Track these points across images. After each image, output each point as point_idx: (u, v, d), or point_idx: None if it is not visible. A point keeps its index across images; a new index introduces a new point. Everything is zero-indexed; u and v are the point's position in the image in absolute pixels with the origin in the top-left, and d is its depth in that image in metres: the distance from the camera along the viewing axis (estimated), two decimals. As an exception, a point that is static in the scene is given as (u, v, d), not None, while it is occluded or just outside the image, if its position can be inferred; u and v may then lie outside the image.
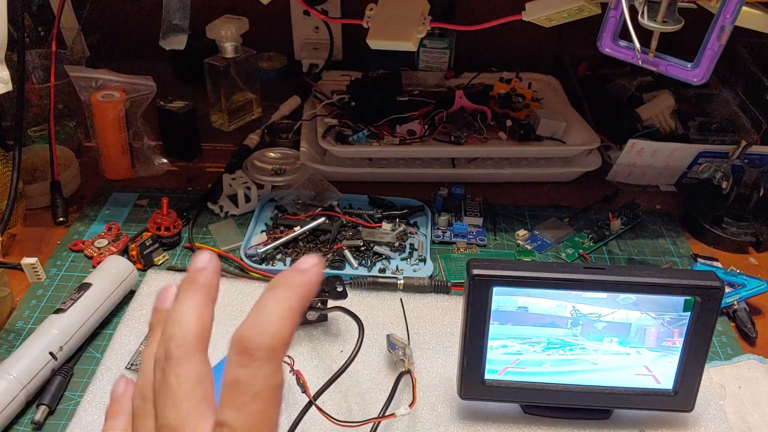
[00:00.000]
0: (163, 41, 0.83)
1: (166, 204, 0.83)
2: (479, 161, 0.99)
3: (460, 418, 0.64)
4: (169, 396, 0.31)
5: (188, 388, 0.31)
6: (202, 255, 0.35)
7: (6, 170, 0.83)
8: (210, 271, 0.35)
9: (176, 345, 0.32)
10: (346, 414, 0.63)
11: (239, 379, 0.30)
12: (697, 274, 0.59)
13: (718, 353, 0.73)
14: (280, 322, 0.31)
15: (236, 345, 0.31)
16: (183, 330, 0.32)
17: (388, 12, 0.84)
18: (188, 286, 0.34)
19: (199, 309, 0.33)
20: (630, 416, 0.64)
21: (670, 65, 0.69)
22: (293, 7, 1.19)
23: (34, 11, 1.04)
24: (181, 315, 0.33)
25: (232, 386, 0.30)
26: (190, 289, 0.34)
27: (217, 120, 1.09)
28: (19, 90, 0.81)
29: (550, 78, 1.14)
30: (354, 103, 1.01)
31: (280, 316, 0.31)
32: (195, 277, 0.34)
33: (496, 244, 0.87)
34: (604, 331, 0.60)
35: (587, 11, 0.75)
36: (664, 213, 0.94)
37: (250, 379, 0.30)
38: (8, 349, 0.69)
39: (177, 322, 0.33)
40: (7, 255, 0.82)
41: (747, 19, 0.70)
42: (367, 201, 0.92)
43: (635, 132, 0.98)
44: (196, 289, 0.34)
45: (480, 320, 0.59)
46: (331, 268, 0.80)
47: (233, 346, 0.31)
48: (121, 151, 0.95)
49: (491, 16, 0.80)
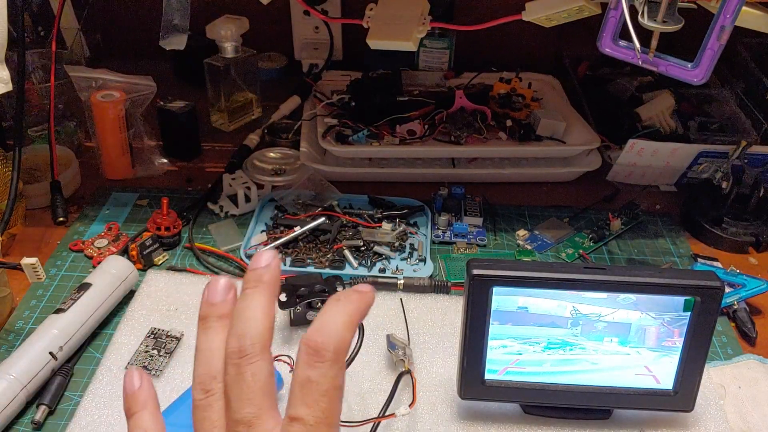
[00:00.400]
0: (163, 41, 0.83)
1: (166, 204, 0.83)
2: (479, 161, 0.99)
3: (460, 418, 0.64)
4: (244, 391, 0.33)
5: (262, 384, 0.34)
6: (266, 253, 0.37)
7: (6, 170, 0.83)
8: (273, 268, 0.36)
9: (251, 342, 0.34)
10: (346, 414, 0.63)
11: (310, 378, 0.33)
12: (697, 274, 0.59)
13: (718, 353, 0.73)
14: (344, 329, 0.34)
15: (306, 347, 0.34)
16: (256, 328, 0.34)
17: (388, 12, 0.84)
18: (255, 284, 0.36)
19: (268, 307, 0.35)
20: (630, 416, 0.64)
21: (670, 65, 0.69)
22: (293, 7, 1.19)
23: (34, 11, 1.04)
24: (253, 312, 0.35)
25: (303, 385, 0.33)
26: (258, 287, 0.36)
27: (217, 120, 1.09)
28: (19, 90, 0.81)
29: (550, 78, 1.14)
30: (354, 103, 1.01)
31: (343, 323, 0.34)
32: (261, 275, 0.36)
33: (496, 244, 0.87)
34: (604, 331, 0.60)
35: (587, 11, 0.75)
36: (664, 213, 0.94)
37: (320, 378, 0.33)
38: (8, 349, 0.69)
39: (249, 319, 0.34)
40: (7, 255, 0.82)
41: (747, 19, 0.70)
42: (367, 201, 0.92)
43: (635, 132, 0.98)
44: (264, 288, 0.36)
45: (480, 320, 0.59)
46: (331, 268, 0.80)
47: (303, 349, 0.34)
48: (121, 151, 0.95)
49: (491, 16, 0.80)
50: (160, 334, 0.70)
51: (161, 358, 0.68)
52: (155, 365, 0.67)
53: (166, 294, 0.75)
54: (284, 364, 0.64)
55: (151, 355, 0.68)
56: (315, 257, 0.81)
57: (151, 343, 0.69)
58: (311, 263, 0.81)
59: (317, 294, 0.70)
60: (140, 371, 0.38)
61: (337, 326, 0.34)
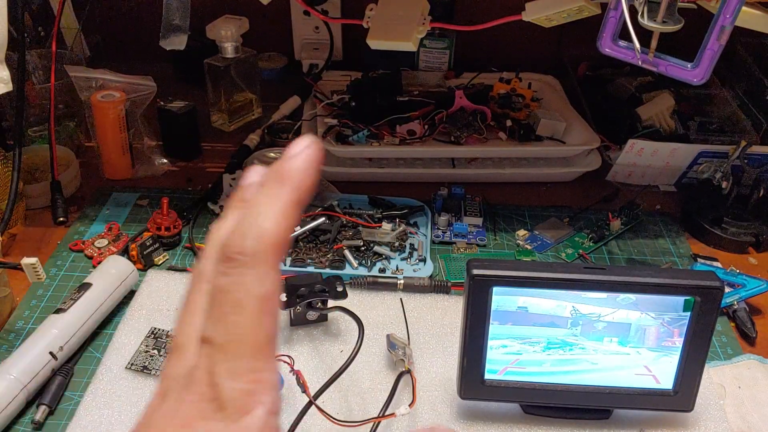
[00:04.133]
0: (163, 41, 0.83)
1: (167, 204, 0.83)
2: (479, 161, 0.99)
3: (460, 418, 0.64)
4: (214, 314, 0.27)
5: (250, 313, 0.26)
6: (301, 140, 0.29)
7: (6, 170, 0.83)
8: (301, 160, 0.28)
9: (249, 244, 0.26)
10: (346, 414, 0.63)
11: (221, 287, 0.26)
12: (697, 274, 0.59)
13: (718, 353, 0.73)
14: (268, 222, 0.27)
15: (218, 252, 0.27)
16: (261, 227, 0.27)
17: (388, 12, 0.84)
18: (274, 175, 0.28)
19: (287, 207, 0.27)
20: (630, 416, 0.64)
21: (670, 65, 0.69)
22: (293, 7, 1.19)
23: (34, 11, 1.04)
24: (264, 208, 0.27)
25: (212, 296, 0.27)
26: (275, 179, 0.28)
27: (218, 120, 1.09)
28: (19, 90, 0.81)
29: (550, 78, 1.14)
30: (354, 103, 1.01)
31: (267, 215, 0.27)
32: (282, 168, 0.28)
33: (496, 244, 0.87)
34: (604, 331, 0.60)
35: (587, 11, 0.75)
36: (664, 213, 0.94)
37: (230, 286, 0.26)
38: (8, 349, 0.69)
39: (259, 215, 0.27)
40: (7, 255, 0.82)
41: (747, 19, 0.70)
42: (367, 201, 0.91)
43: (635, 132, 0.98)
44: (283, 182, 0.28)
45: (480, 320, 0.59)
46: (331, 268, 0.80)
47: (215, 254, 0.27)
48: (121, 151, 0.95)
49: (491, 16, 0.80)
50: (161, 334, 0.70)
51: (161, 358, 0.68)
52: (155, 365, 0.67)
53: (166, 294, 0.75)
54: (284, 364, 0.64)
55: (151, 355, 0.68)
56: (315, 257, 0.81)
57: (151, 343, 0.69)
58: (311, 263, 0.81)
59: (317, 294, 0.70)
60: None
61: (256, 219, 0.27)
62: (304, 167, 0.28)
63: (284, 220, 0.27)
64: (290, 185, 0.28)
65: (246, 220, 0.27)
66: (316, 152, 0.28)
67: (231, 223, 0.28)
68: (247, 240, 0.26)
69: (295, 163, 0.28)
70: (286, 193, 0.28)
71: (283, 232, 0.27)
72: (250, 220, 0.27)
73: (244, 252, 0.26)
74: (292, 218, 0.27)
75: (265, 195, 0.28)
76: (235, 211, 0.29)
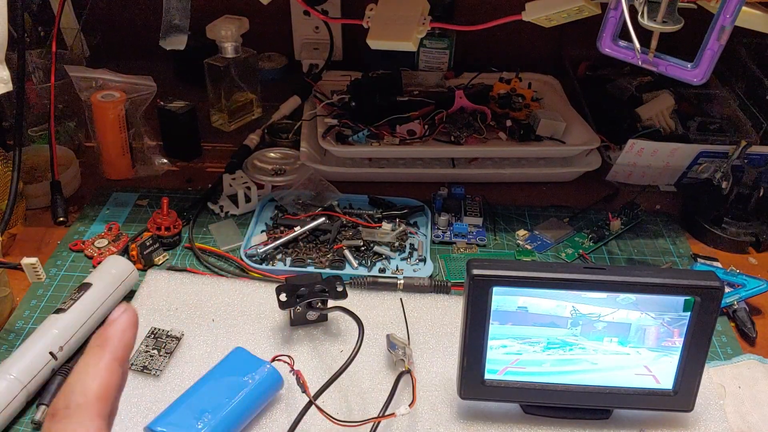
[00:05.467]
0: (163, 41, 0.83)
1: (167, 204, 0.83)
2: (479, 161, 0.99)
3: (460, 418, 0.64)
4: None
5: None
6: (119, 307, 0.36)
7: (6, 170, 0.83)
8: (121, 325, 0.35)
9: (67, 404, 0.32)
10: (346, 414, 0.63)
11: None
12: (697, 274, 0.59)
13: (718, 353, 0.73)
14: (91, 380, 0.33)
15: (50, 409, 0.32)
16: (81, 388, 0.33)
17: (388, 12, 0.84)
18: (100, 341, 0.35)
19: (104, 370, 0.34)
20: (630, 416, 0.64)
21: (670, 65, 0.69)
22: (293, 7, 1.19)
23: (34, 11, 1.04)
24: (83, 374, 0.33)
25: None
26: (96, 344, 0.35)
27: (217, 120, 1.09)
28: (19, 90, 0.81)
29: (550, 78, 1.14)
30: (354, 103, 1.01)
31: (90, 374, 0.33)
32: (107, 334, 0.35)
33: (496, 244, 0.87)
34: (604, 331, 0.60)
35: (587, 11, 0.75)
36: (664, 213, 0.94)
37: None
38: (8, 349, 0.69)
39: (79, 380, 0.33)
40: (7, 255, 0.82)
41: (747, 19, 0.70)
42: (367, 201, 0.92)
43: (635, 132, 0.98)
44: (106, 348, 0.34)
45: (480, 320, 0.59)
46: (331, 268, 0.80)
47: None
48: (121, 151, 0.95)
49: (491, 16, 0.80)
50: (160, 334, 0.70)
51: (161, 358, 0.68)
52: (155, 365, 0.67)
53: (166, 294, 0.75)
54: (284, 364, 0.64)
55: (151, 355, 0.68)
56: (315, 257, 0.81)
57: (151, 343, 0.69)
58: (311, 263, 0.81)
59: (317, 294, 0.70)
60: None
61: (82, 378, 0.33)
62: (122, 329, 0.35)
63: (108, 376, 0.33)
64: (110, 347, 0.34)
65: (73, 378, 0.33)
66: (132, 317, 0.35)
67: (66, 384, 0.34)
68: (73, 395, 0.32)
69: (113, 329, 0.35)
70: (108, 353, 0.34)
71: (106, 387, 0.33)
72: (77, 377, 0.33)
73: (68, 406, 0.32)
74: (116, 373, 0.34)
75: (90, 355, 0.34)
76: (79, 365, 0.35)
